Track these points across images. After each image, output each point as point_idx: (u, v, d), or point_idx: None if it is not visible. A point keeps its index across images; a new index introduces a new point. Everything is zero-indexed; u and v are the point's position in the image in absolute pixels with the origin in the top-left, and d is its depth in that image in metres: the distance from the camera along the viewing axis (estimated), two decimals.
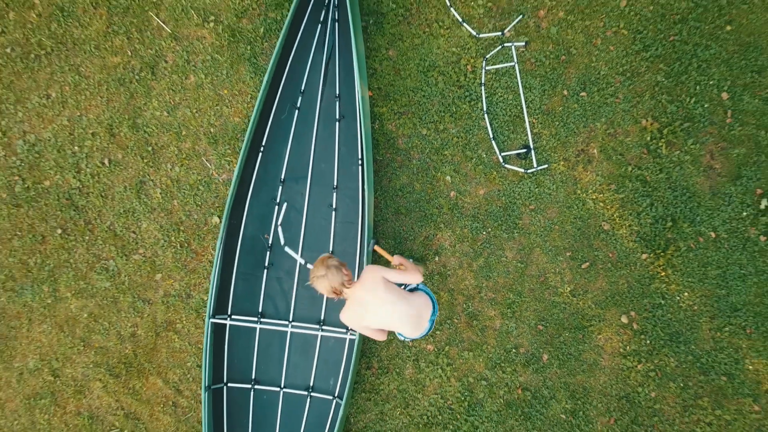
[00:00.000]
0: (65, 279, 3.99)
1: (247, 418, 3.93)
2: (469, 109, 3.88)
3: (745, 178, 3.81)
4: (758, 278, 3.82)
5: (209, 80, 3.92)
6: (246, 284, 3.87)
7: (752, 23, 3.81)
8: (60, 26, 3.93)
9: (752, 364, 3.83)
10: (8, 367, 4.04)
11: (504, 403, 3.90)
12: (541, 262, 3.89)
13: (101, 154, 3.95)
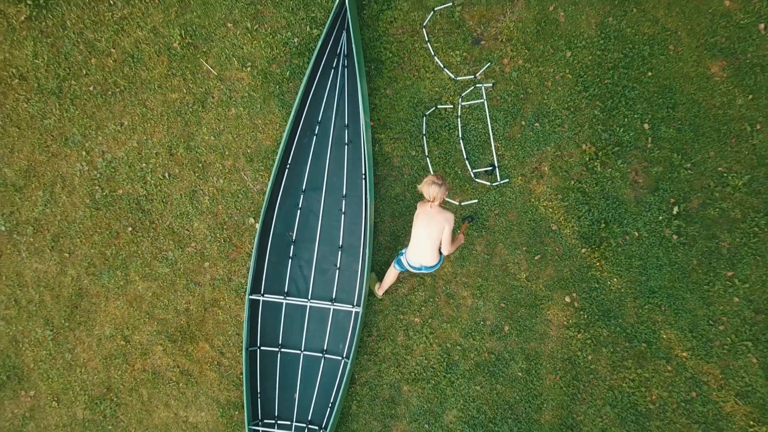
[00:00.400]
0: (134, 266, 5.11)
1: (275, 375, 5.05)
2: (448, 136, 4.97)
3: (662, 190, 4.89)
4: (671, 268, 4.90)
5: (246, 112, 5.02)
6: (275, 270, 4.98)
7: (668, 70, 4.88)
8: (131, 69, 5.03)
9: (665, 334, 4.92)
10: (90, 334, 5.16)
11: (474, 363, 5.01)
12: (503, 255, 4.98)
13: (163, 169, 5.06)
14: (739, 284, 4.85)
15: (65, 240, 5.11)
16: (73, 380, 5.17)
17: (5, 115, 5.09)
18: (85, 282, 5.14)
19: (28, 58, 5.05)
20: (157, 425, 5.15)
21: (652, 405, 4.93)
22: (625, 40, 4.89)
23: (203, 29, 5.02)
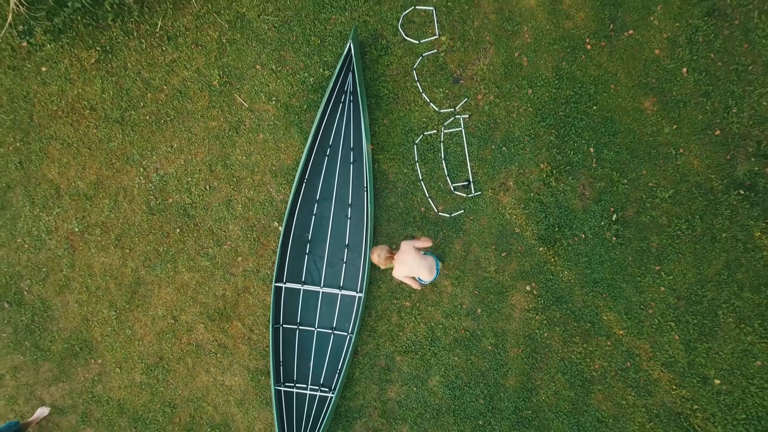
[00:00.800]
0: (181, 260, 6.34)
1: (294, 347, 6.28)
2: (432, 157, 6.17)
3: (604, 201, 6.08)
4: (611, 263, 6.10)
5: (272, 137, 6.23)
6: (294, 263, 6.20)
7: (609, 105, 6.07)
8: (179, 102, 6.25)
9: (606, 316, 6.12)
10: (146, 314, 6.40)
11: (453, 339, 6.23)
12: (476, 252, 6.19)
13: (204, 182, 6.28)
14: (665, 276, 6.05)
15: (126, 239, 6.34)
16: (132, 351, 6.42)
17: (79, 139, 6.32)
18: (142, 273, 6.37)
19: (96, 92, 6.27)
20: (200, 387, 6.39)
21: (595, 372, 6.14)
22: (575, 81, 6.07)
23: (237, 70, 6.22)
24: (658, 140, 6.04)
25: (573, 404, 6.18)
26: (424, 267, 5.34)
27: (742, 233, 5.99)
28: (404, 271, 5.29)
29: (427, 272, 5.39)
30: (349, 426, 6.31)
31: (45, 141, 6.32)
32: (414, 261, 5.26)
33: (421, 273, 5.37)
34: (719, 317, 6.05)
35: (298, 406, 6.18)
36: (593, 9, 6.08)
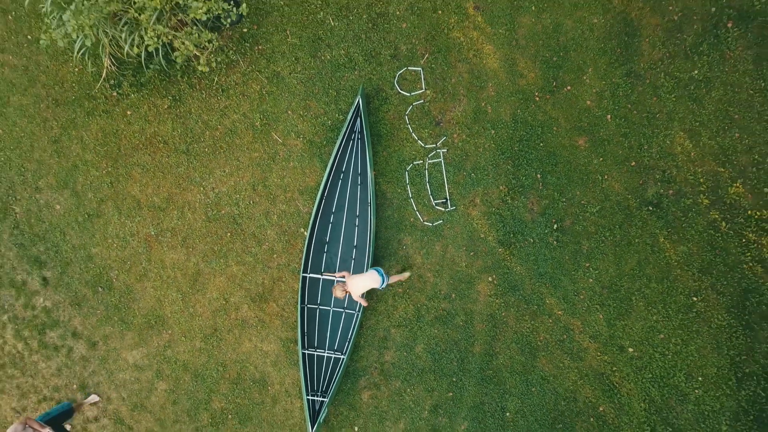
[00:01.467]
0: (231, 256, 8.41)
1: (315, 322, 8.33)
2: (419, 180, 8.20)
3: (547, 215, 8.09)
4: (552, 261, 8.11)
5: (299, 165, 8.27)
6: (316, 259, 8.23)
7: (552, 142, 8.06)
8: (230, 138, 8.31)
9: (548, 300, 8.15)
10: (204, 297, 8.48)
11: (434, 316, 8.28)
12: (452, 252, 8.22)
13: (249, 198, 8.34)
14: (593, 271, 8.07)
15: (189, 240, 8.43)
16: (194, 324, 8.51)
17: (155, 165, 8.39)
18: (201, 266, 8.46)
19: (168, 130, 8.35)
20: (244, 352, 8.49)
21: (539, 342, 8.18)
22: (527, 124, 8.07)
23: (273, 114, 8.27)
24: (589, 169, 8.05)
25: (523, 366, 8.23)
26: (368, 281, 7.45)
27: (650, 239, 7.99)
28: (357, 291, 7.43)
29: (372, 282, 7.47)
30: (356, 381, 8.39)
31: (129, 167, 8.40)
32: (360, 282, 7.39)
33: (372, 284, 7.47)
34: (632, 302, 8.07)
35: (318, 365, 8.27)
36: (541, 70, 8.07)
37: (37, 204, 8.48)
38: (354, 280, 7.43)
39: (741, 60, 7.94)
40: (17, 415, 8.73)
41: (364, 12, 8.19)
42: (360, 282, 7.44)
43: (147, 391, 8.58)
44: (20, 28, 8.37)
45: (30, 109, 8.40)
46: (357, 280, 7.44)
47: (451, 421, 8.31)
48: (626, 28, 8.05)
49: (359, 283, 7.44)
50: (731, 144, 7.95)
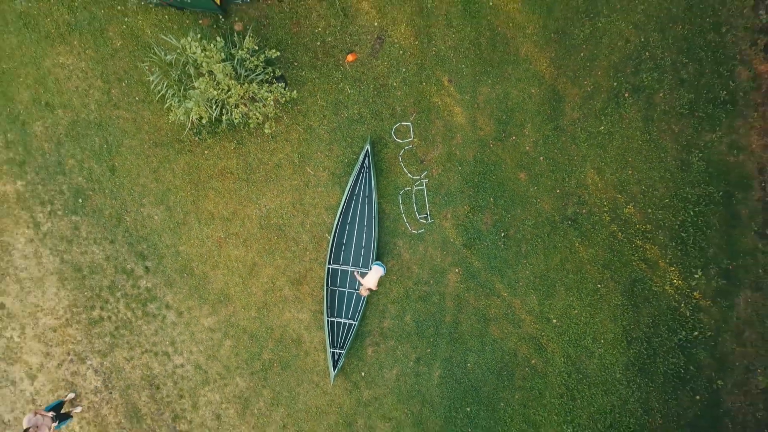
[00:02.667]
0: (278, 252, 11.95)
1: (336, 299, 11.88)
2: (409, 201, 11.70)
3: (497, 226, 11.55)
4: (500, 258, 11.59)
5: (325, 190, 11.78)
6: (336, 255, 11.78)
7: (500, 176, 11.51)
8: (276, 171, 11.82)
9: (497, 286, 11.64)
10: (258, 281, 12.04)
11: (418, 296, 11.79)
12: (430, 252, 11.73)
13: (290, 213, 11.85)
14: (529, 266, 11.54)
15: (248, 241, 11.98)
16: (250, 300, 12.07)
17: (224, 188, 11.92)
18: (257, 259, 12.02)
19: (233, 164, 11.86)
20: (285, 319, 12.05)
21: (491, 315, 11.68)
22: (484, 163, 11.53)
23: (308, 154, 11.77)
24: (527, 195, 11.51)
25: (480, 331, 11.76)
26: (376, 274, 10.95)
27: (569, 244, 11.47)
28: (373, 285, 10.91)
29: (378, 274, 11.00)
30: (363, 340, 11.95)
31: (206, 190, 11.95)
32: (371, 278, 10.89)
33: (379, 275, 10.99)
34: (556, 287, 11.56)
35: (337, 329, 11.82)
36: (494, 125, 11.53)
37: (142, 215, 12.07)
38: (367, 279, 10.95)
39: (633, 120, 11.37)
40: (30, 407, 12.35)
41: (371, 83, 11.66)
42: (371, 278, 10.95)
43: (217, 347, 12.19)
44: (130, 92, 11.90)
45: (137, 149, 11.96)
46: (369, 278, 10.96)
47: (429, 369, 11.89)
48: (554, 95, 11.49)
49: (371, 279, 10.96)
50: (626, 178, 11.40)
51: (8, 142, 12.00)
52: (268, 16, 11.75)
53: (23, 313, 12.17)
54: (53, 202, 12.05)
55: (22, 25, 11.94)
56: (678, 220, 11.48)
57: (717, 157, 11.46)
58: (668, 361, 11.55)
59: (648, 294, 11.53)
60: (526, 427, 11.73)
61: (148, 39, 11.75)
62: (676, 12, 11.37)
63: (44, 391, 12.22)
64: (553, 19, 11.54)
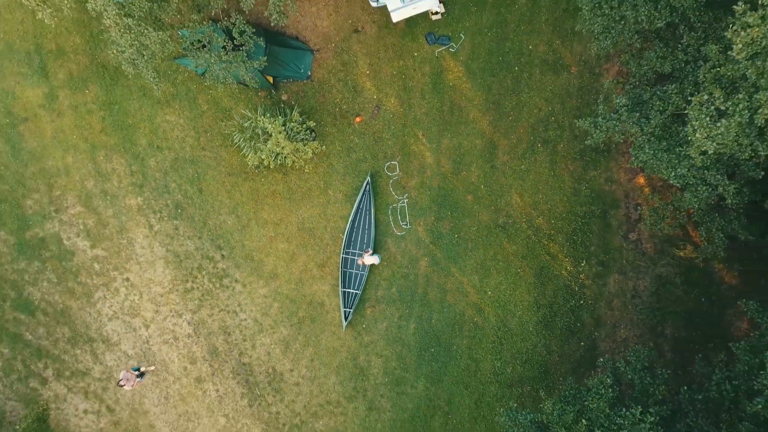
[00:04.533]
0: (309, 245, 18.07)
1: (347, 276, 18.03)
2: (395, 214, 17.76)
3: (452, 230, 17.60)
4: (454, 251, 17.60)
5: (341, 205, 17.80)
6: (348, 247, 17.94)
7: (455, 198, 17.59)
8: (309, 193, 17.92)
9: (453, 269, 17.72)
10: (295, 264, 18.17)
11: (400, 276, 17.83)
12: (409, 247, 17.77)
13: (317, 220, 17.94)
14: (473, 257, 17.57)
15: (291, 239, 18.05)
16: (291, 277, 18.14)
17: (275, 204, 18.01)
18: (295, 250, 18.12)
19: (280, 188, 17.94)
20: (314, 290, 18.14)
21: (448, 288, 17.76)
22: (444, 189, 17.52)
23: (329, 182, 17.80)
24: (473, 210, 17.51)
25: (440, 300, 17.83)
26: (373, 258, 17.03)
27: (499, 243, 17.51)
28: (368, 262, 17.04)
29: (374, 260, 17.03)
30: (364, 303, 18.07)
31: (262, 204, 18.04)
32: (369, 259, 16.98)
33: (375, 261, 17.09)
34: (491, 271, 17.61)
35: (347, 296, 17.96)
36: (452, 164, 17.54)
37: (219, 221, 18.22)
38: (366, 258, 17.08)
39: (543, 161, 17.35)
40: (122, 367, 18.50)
41: (371, 136, 17.69)
42: (369, 259, 17.09)
43: (268, 307, 18.36)
44: (213, 140, 17.98)
45: (217, 177, 18.07)
46: (367, 258, 17.08)
47: (407, 323, 18.01)
48: (491, 145, 17.48)
49: (369, 260, 17.10)
50: (538, 200, 17.42)
51: (132, 171, 18.19)
52: (303, 90, 17.82)
53: (141, 283, 18.43)
54: (161, 211, 18.26)
55: (142, 95, 18.07)
56: (571, 228, 17.52)
57: (597, 186, 17.45)
58: (563, 320, 17.64)
59: (551, 276, 17.60)
60: (470, 362, 17.89)
61: (225, 105, 17.86)
62: (572, 90, 17.32)
63: (154, 336, 18.50)
64: (491, 95, 17.52)
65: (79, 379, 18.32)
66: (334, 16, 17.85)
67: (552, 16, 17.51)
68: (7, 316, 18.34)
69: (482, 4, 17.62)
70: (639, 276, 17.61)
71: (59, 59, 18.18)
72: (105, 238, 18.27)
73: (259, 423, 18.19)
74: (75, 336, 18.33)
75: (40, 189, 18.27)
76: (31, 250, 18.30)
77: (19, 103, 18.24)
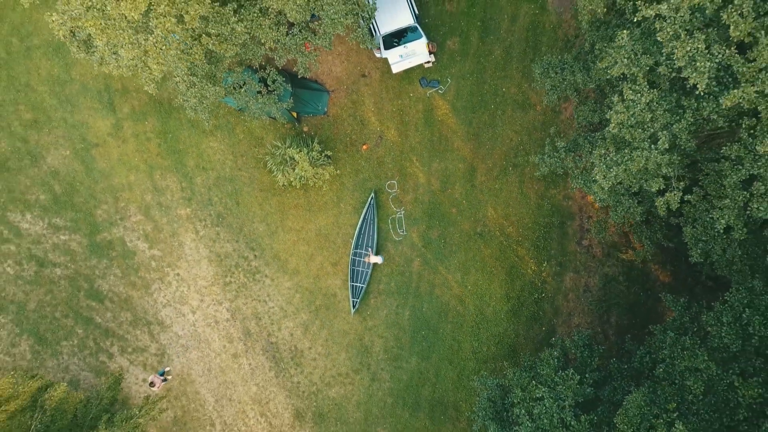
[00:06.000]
0: (325, 247, 22.41)
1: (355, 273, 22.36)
2: (394, 223, 22.08)
3: (440, 237, 21.92)
4: (441, 253, 21.93)
5: (351, 216, 22.10)
6: (357, 249, 22.29)
7: (442, 211, 21.89)
8: (326, 206, 22.28)
9: (440, 268, 22.05)
10: (313, 263, 22.45)
11: (397, 273, 22.10)
12: (405, 249, 22.04)
13: (331, 228, 22.19)
14: (456, 257, 21.83)
15: (311, 242, 22.37)
16: (310, 273, 22.42)
17: (297, 214, 22.36)
18: (313, 252, 22.42)
19: (302, 201, 22.24)
20: (328, 284, 22.45)
21: (436, 282, 22.04)
22: (434, 203, 21.83)
23: (342, 197, 22.12)
24: (456, 221, 21.79)
25: (429, 291, 22.08)
26: (376, 258, 21.27)
27: (477, 247, 21.76)
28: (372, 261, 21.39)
29: (378, 259, 21.27)
30: (368, 295, 22.34)
31: (287, 215, 22.28)
32: (373, 258, 21.30)
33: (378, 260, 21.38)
34: (470, 269, 21.94)
35: (355, 289, 22.29)
36: (440, 183, 21.85)
37: (252, 227, 22.56)
38: (371, 258, 21.42)
39: (513, 182, 21.65)
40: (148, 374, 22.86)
41: (375, 160, 22.00)
42: (373, 259, 21.43)
43: (291, 297, 22.69)
44: (248, 162, 22.30)
45: (251, 193, 22.41)
46: (372, 258, 21.43)
47: (402, 311, 22.29)
48: (472, 168, 21.77)
49: (373, 259, 21.44)
50: (508, 213, 21.72)
51: (183, 188, 22.57)
52: (321, 123, 22.17)
53: (189, 278, 22.81)
54: (205, 220, 22.64)
55: (190, 126, 22.44)
56: (535, 235, 21.81)
57: (557, 202, 21.75)
58: (528, 309, 21.95)
59: (518, 274, 21.91)
60: (453, 342, 22.20)
61: (257, 134, 22.23)
62: (536, 125, 21.62)
63: (199, 320, 22.85)
64: (472, 128, 21.83)
65: (139, 354, 22.75)
66: (346, 64, 22.19)
67: (521, 64, 21.79)
68: (81, 304, 22.77)
69: (465, 54, 21.93)
70: (590, 274, 21.92)
71: (124, 96, 22.58)
72: (160, 241, 22.69)
73: (283, 390, 22.59)
74: (136, 319, 22.77)
75: (108, 201, 22.69)
76: (100, 250, 22.73)
77: (91, 131, 22.66)
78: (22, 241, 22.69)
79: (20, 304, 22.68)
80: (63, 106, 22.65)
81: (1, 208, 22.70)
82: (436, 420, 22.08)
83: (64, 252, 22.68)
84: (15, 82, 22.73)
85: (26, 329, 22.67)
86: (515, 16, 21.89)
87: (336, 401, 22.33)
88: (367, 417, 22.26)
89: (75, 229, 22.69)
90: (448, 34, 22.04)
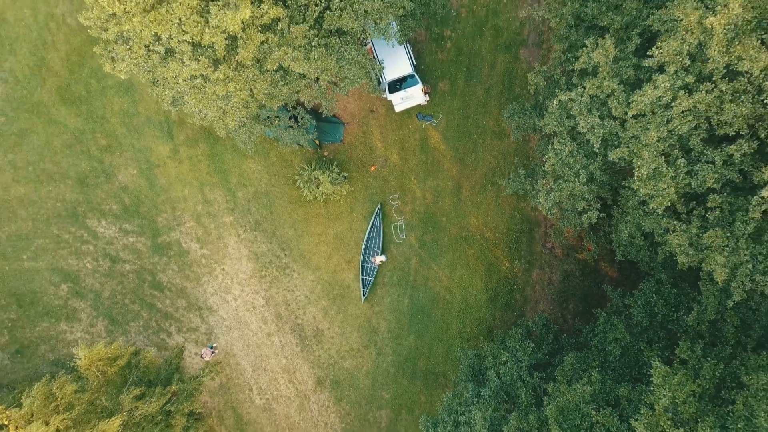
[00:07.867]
0: (341, 248, 28.07)
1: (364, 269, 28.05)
2: (396, 229, 27.73)
3: (433, 240, 27.52)
4: (435, 253, 27.49)
5: (360, 223, 27.75)
6: (366, 252, 27.96)
7: (434, 220, 27.53)
8: (340, 215, 27.96)
9: (433, 265, 27.65)
10: (332, 262, 28.08)
11: (399, 269, 27.72)
12: (405, 249, 27.61)
13: (345, 233, 27.82)
14: (446, 257, 27.44)
15: (330, 244, 27.86)
16: (328, 269, 28.05)
17: (319, 221, 27.98)
18: (332, 252, 28.12)
19: (322, 211, 27.95)
20: (344, 277, 28.11)
21: (429, 275, 27.70)
22: (429, 214, 27.50)
23: (354, 208, 27.80)
24: (446, 227, 27.34)
25: (424, 284, 27.67)
26: (381, 258, 26.97)
27: (462, 249, 27.30)
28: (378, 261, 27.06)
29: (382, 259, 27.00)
30: (375, 286, 27.97)
31: (310, 222, 27.93)
32: (379, 258, 26.99)
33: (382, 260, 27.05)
34: (457, 266, 27.47)
35: (365, 282, 27.95)
36: (432, 197, 27.47)
37: (283, 232, 28.17)
38: (377, 258, 27.06)
39: (492, 197, 27.26)
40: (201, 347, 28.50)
41: (381, 179, 27.60)
42: (379, 258, 27.08)
43: (313, 288, 28.26)
44: (279, 179, 27.98)
45: (282, 204, 28.01)
46: (377, 258, 27.07)
47: (402, 299, 27.90)
48: (458, 185, 27.39)
49: (378, 259, 27.10)
50: (487, 221, 27.32)
51: (227, 200, 28.26)
52: (338, 149, 27.83)
53: (232, 272, 28.51)
54: (245, 225, 28.33)
55: (233, 150, 28.12)
56: (509, 239, 27.43)
57: (526, 213, 27.36)
58: (503, 299, 27.56)
59: (495, 270, 27.54)
60: (443, 324, 27.84)
61: (287, 157, 27.90)
62: (510, 151, 27.28)
63: (240, 306, 28.54)
64: (458, 153, 27.46)
65: (192, 332, 28.52)
66: (358, 102, 27.87)
67: (499, 102, 27.40)
68: (146, 292, 28.54)
69: (453, 94, 27.57)
70: (552, 270, 27.54)
71: (180, 126, 28.31)
72: (209, 243, 28.45)
73: (307, 362, 28.32)
74: (189, 305, 28.54)
75: (167, 210, 28.45)
76: (161, 250, 28.49)
77: (154, 154, 28.41)
78: (98, 242, 28.47)
79: (97, 292, 28.46)
80: (131, 134, 28.39)
81: (82, 216, 28.48)
82: (429, 386, 27.78)
83: (132, 251, 28.45)
84: (93, 115, 28.48)
85: (102, 313, 28.46)
86: (494, 63, 27.52)
87: (349, 371, 28.06)
88: (374, 383, 27.98)
89: (140, 233, 28.46)
90: (440, 78, 27.69)
